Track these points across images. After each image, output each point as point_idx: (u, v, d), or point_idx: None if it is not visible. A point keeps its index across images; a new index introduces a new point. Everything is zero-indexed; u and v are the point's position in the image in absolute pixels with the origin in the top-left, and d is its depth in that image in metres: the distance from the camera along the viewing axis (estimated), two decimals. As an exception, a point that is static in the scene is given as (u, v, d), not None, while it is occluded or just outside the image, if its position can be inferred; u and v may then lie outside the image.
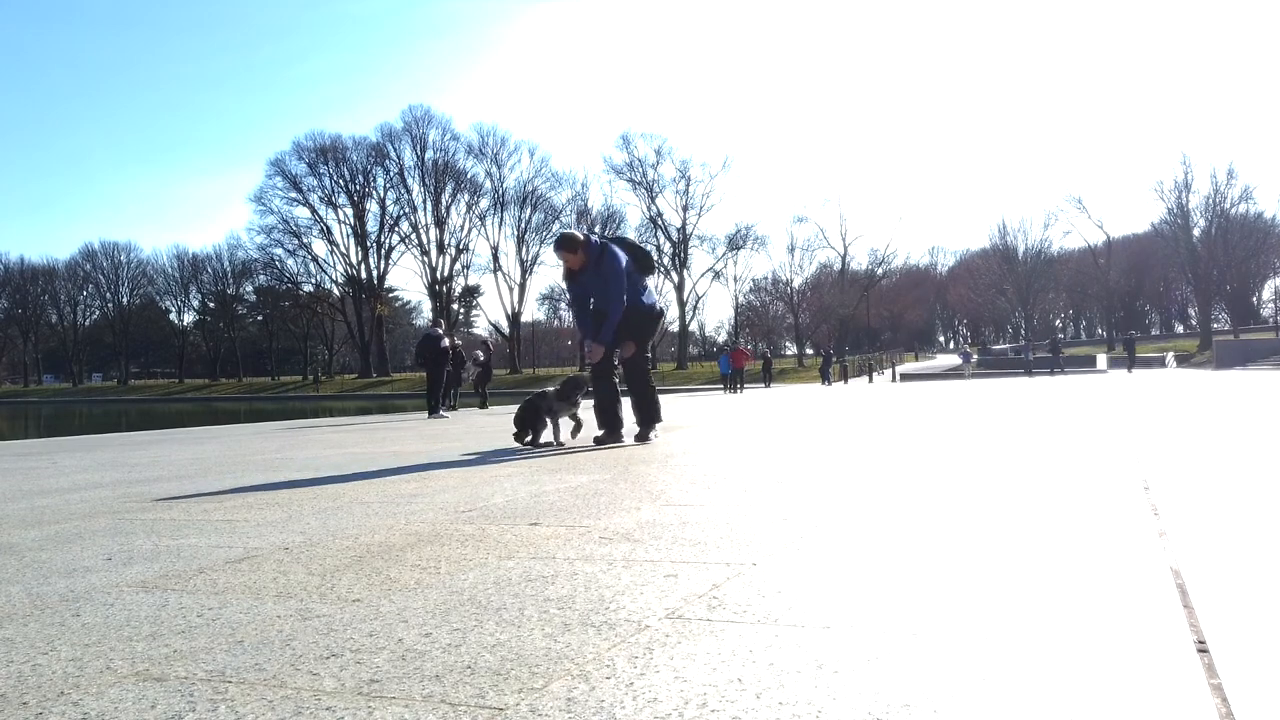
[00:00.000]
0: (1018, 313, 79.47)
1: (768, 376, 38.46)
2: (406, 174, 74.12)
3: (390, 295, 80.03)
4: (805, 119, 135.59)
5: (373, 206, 75.82)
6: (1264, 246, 68.36)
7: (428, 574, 2.02)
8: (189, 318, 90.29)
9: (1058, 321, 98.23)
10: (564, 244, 6.00)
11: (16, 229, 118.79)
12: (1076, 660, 1.26)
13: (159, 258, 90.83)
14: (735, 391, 28.96)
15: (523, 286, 73.76)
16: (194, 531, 2.80)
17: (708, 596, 1.72)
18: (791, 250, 74.47)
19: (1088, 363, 49.43)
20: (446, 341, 14.80)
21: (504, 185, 73.33)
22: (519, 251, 73.31)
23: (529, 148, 78.54)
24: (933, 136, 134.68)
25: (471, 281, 78.14)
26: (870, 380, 38.45)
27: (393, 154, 73.96)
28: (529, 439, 5.98)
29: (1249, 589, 1.67)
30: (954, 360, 53.28)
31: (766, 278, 78.83)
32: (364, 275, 75.97)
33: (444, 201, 74.03)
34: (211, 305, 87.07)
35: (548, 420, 5.99)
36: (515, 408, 6.43)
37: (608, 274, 5.88)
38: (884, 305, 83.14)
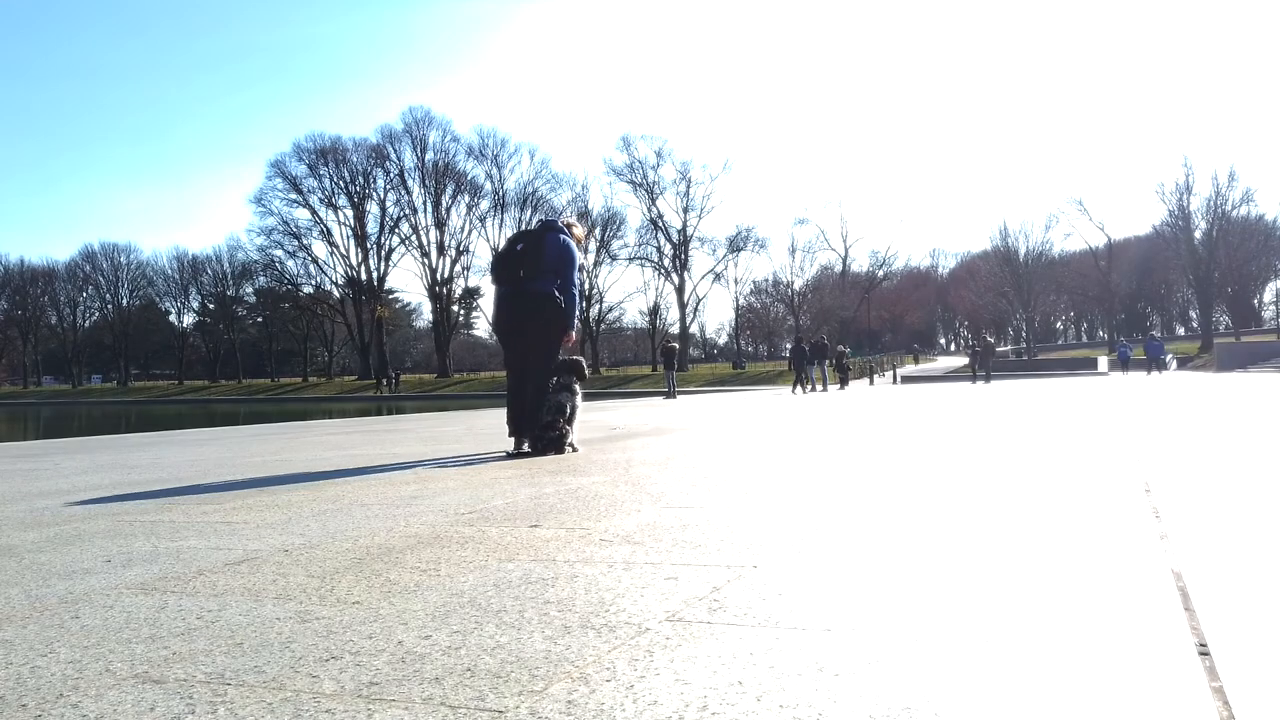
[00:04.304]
0: (1019, 315, 79.42)
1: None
2: (406, 175, 74.14)
3: (390, 297, 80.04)
4: (806, 121, 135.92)
5: (373, 208, 75.84)
6: (1265, 249, 68.39)
7: (427, 576, 2.02)
8: (189, 319, 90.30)
9: (1059, 324, 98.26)
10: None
11: (16, 229, 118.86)
12: (1078, 663, 1.26)
13: (159, 259, 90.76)
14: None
15: (523, 287, 73.55)
16: (193, 533, 2.80)
17: (708, 599, 1.72)
18: (792, 252, 74.60)
19: (1088, 365, 49.42)
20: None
21: (504, 187, 73.35)
22: (520, 252, 73.14)
23: (529, 149, 78.42)
24: (933, 139, 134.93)
25: (472, 283, 78.18)
26: (871, 383, 38.40)
27: (393, 155, 74.00)
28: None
29: (1250, 592, 1.67)
30: (957, 362, 52.99)
31: (767, 280, 78.87)
32: (364, 277, 75.95)
33: (444, 203, 74.03)
34: (211, 307, 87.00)
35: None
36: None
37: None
38: (885, 307, 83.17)
